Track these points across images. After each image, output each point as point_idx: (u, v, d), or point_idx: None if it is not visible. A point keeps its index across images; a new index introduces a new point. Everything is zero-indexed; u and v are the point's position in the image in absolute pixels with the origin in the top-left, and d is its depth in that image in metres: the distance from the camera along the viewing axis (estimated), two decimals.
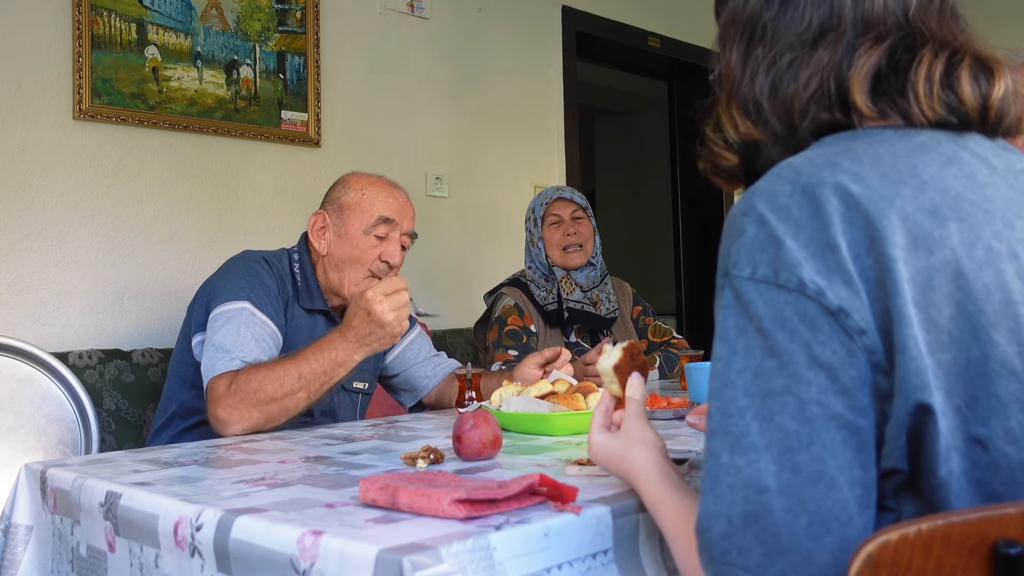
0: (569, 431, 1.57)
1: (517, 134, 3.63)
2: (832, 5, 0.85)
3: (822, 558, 0.69)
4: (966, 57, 0.81)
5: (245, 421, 1.67)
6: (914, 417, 0.70)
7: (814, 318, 0.71)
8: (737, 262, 0.75)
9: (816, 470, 0.70)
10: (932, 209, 0.74)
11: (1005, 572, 0.65)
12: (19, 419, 2.09)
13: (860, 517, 0.70)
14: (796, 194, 0.74)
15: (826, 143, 0.82)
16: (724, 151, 0.90)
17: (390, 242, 1.96)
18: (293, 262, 1.98)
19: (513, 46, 3.62)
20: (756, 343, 0.72)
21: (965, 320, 0.71)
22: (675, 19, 4.27)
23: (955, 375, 0.71)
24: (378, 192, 1.98)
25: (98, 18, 2.47)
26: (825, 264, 0.71)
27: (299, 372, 1.65)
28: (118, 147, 2.53)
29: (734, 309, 0.74)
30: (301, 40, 2.92)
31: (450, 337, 3.13)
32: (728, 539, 0.71)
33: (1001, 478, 0.71)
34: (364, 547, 0.87)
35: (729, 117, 0.89)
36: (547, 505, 1.00)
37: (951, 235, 0.73)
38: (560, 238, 2.49)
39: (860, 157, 0.77)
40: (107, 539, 1.21)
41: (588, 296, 2.50)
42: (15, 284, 2.34)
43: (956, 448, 0.70)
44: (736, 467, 0.72)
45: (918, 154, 0.78)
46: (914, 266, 0.71)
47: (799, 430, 0.70)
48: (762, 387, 0.72)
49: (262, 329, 1.81)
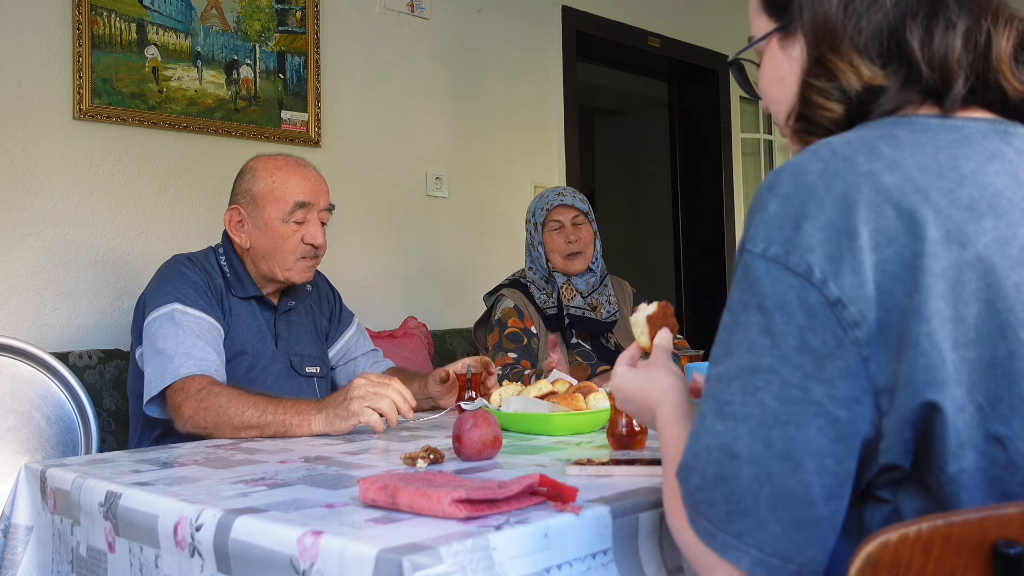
0: (569, 431, 1.56)
1: (517, 134, 3.63)
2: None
3: (774, 530, 0.72)
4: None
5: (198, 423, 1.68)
6: (921, 413, 0.70)
7: (813, 305, 0.71)
8: (753, 236, 0.75)
9: (786, 448, 0.72)
10: (969, 204, 0.73)
11: (1005, 572, 0.65)
12: (19, 419, 2.09)
13: (825, 505, 0.72)
14: (826, 174, 0.74)
15: (869, 126, 0.81)
16: (828, 102, 0.84)
17: (310, 224, 1.95)
18: (219, 256, 1.99)
19: (513, 46, 3.62)
20: (755, 319, 0.74)
21: (994, 317, 0.71)
22: (675, 19, 4.27)
23: (979, 372, 0.70)
24: (288, 177, 1.95)
25: (98, 18, 2.47)
26: (838, 250, 0.71)
27: (263, 410, 1.64)
28: (118, 147, 2.53)
29: (742, 283, 0.76)
30: (301, 40, 2.92)
31: (450, 337, 3.13)
32: (700, 491, 0.76)
33: (1018, 478, 0.71)
34: (364, 547, 0.87)
35: (848, 62, 0.82)
36: (547, 505, 1.00)
37: (986, 231, 0.72)
38: (561, 244, 2.49)
39: (901, 144, 0.76)
40: (107, 539, 1.21)
41: (588, 301, 2.50)
42: (15, 284, 2.34)
43: (973, 445, 0.70)
44: (716, 431, 0.75)
45: (961, 146, 0.77)
46: (945, 260, 0.71)
47: (777, 409, 0.72)
48: (752, 362, 0.74)
49: (198, 324, 1.82)
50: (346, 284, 2.80)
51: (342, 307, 2.21)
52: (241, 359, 1.90)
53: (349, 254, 3.03)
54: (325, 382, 2.09)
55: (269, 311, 2.01)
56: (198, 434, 1.69)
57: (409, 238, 3.25)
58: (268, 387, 1.86)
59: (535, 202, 2.59)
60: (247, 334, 1.93)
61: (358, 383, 1.60)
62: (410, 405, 1.60)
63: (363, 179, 3.10)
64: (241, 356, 1.90)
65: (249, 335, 1.94)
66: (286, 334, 2.01)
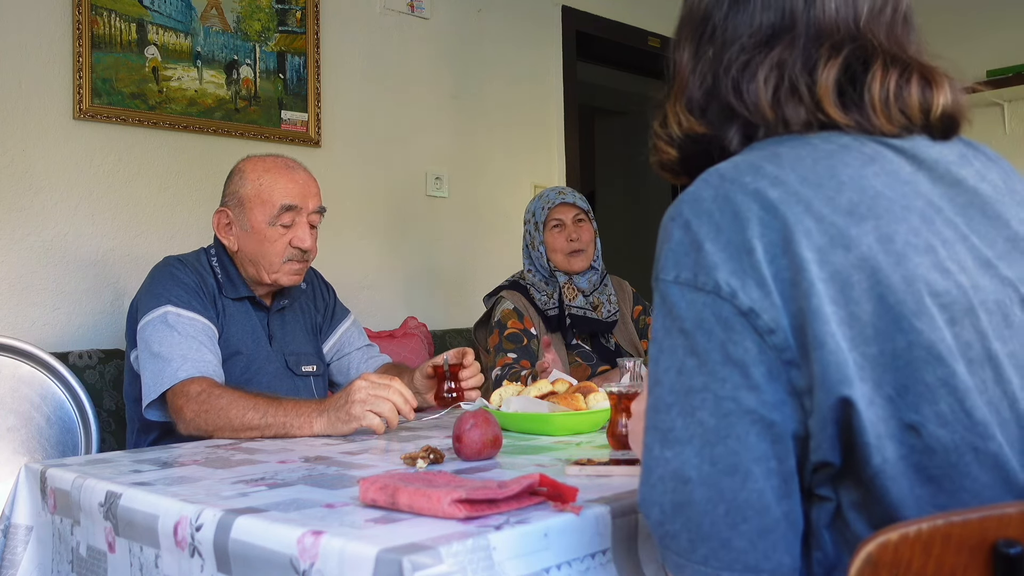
0: (569, 431, 1.56)
1: (517, 134, 3.63)
2: (783, 8, 0.87)
3: (739, 544, 0.73)
4: (914, 72, 0.84)
5: (199, 426, 1.68)
6: (839, 410, 0.72)
7: (728, 318, 0.74)
8: (664, 266, 0.79)
9: (732, 462, 0.73)
10: (849, 208, 0.76)
11: (1005, 572, 0.65)
12: (19, 419, 2.09)
13: (778, 506, 0.74)
14: (718, 199, 0.78)
15: (755, 148, 0.85)
16: (666, 146, 0.93)
17: (298, 227, 1.93)
18: (211, 257, 1.99)
19: (513, 46, 3.62)
20: (679, 343, 0.77)
21: (887, 312, 0.73)
22: (675, 19, 4.26)
23: (883, 366, 0.73)
24: (276, 179, 1.93)
25: (98, 18, 2.47)
26: (740, 266, 0.75)
27: (264, 412, 1.64)
28: (118, 147, 2.53)
29: (661, 311, 0.79)
30: (301, 40, 2.92)
31: (450, 337, 3.14)
32: (662, 526, 0.77)
33: (937, 461, 0.73)
34: (364, 547, 0.87)
35: (674, 113, 0.92)
36: (547, 505, 1.00)
37: (867, 233, 0.75)
38: (563, 243, 2.48)
39: (782, 161, 0.80)
40: (107, 539, 1.21)
41: (589, 301, 2.49)
42: (15, 284, 2.34)
43: (890, 436, 0.72)
44: (665, 459, 0.76)
45: (839, 155, 0.81)
46: (832, 264, 0.74)
47: (716, 424, 0.74)
48: (684, 384, 0.76)
49: (191, 325, 1.81)
50: (346, 284, 2.81)
51: (336, 302, 2.20)
52: (236, 360, 1.90)
53: (349, 254, 3.03)
54: (322, 380, 2.09)
55: (262, 311, 2.00)
56: (199, 436, 1.69)
57: (409, 238, 3.25)
58: (264, 387, 1.86)
59: (534, 202, 2.59)
60: (241, 335, 1.93)
61: (358, 385, 1.60)
62: (411, 406, 1.60)
63: (363, 179, 3.10)
64: (236, 357, 1.90)
65: (243, 336, 1.93)
66: (280, 333, 2.01)
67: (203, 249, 2.03)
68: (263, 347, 1.96)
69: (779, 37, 0.87)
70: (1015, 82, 4.06)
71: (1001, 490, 0.72)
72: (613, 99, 6.06)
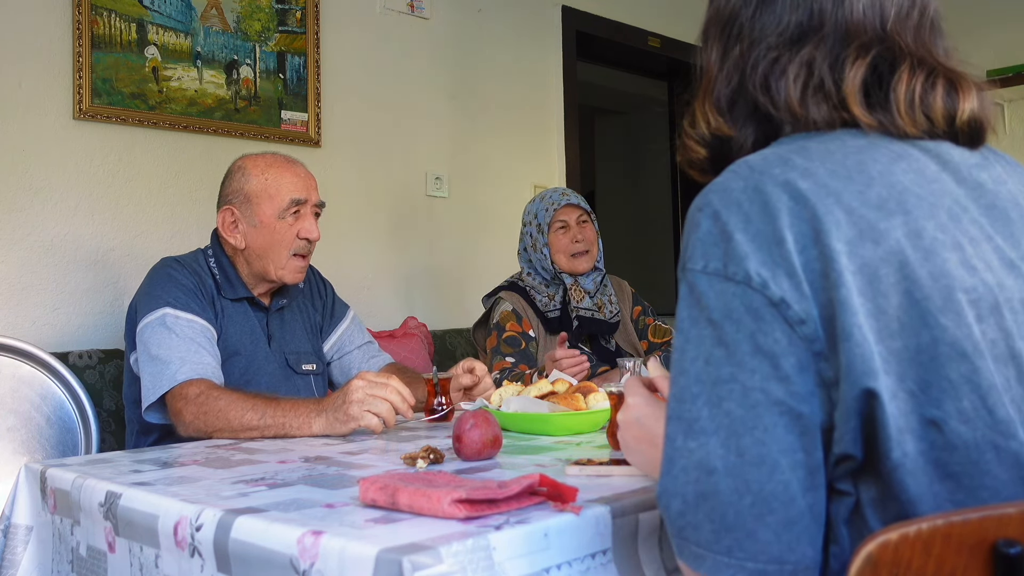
0: (569, 431, 1.56)
1: (517, 134, 3.63)
2: (812, 8, 0.88)
3: (764, 536, 0.73)
4: (940, 77, 0.84)
5: (199, 428, 1.69)
6: (863, 402, 0.72)
7: (758, 308, 0.74)
8: (692, 255, 0.79)
9: (759, 453, 0.73)
10: (879, 203, 0.77)
11: (1005, 572, 0.65)
12: (19, 419, 2.09)
13: (803, 498, 0.73)
14: (748, 190, 0.78)
15: (783, 142, 0.86)
16: (696, 145, 0.94)
17: (304, 218, 1.96)
18: (208, 259, 1.99)
19: (513, 46, 3.62)
20: (707, 333, 0.76)
21: (913, 307, 0.74)
22: (675, 19, 4.27)
23: (907, 360, 0.73)
24: (281, 174, 1.97)
25: (98, 18, 2.47)
26: (771, 256, 0.75)
27: (262, 413, 1.64)
28: (118, 147, 2.53)
29: (688, 300, 0.79)
30: (301, 40, 2.92)
31: (450, 337, 3.14)
32: (683, 516, 0.76)
33: (957, 458, 0.73)
34: (364, 547, 0.87)
35: (703, 113, 0.93)
36: (547, 505, 1.00)
37: (896, 227, 0.76)
38: (568, 244, 2.48)
39: (811, 154, 0.80)
40: (107, 539, 1.21)
41: (595, 301, 2.49)
42: (15, 284, 2.34)
43: (911, 431, 0.72)
44: (689, 450, 0.76)
45: (868, 150, 0.81)
46: (860, 257, 0.74)
47: (744, 415, 0.74)
48: (711, 375, 0.75)
49: (190, 327, 1.81)
50: (346, 284, 2.80)
51: (335, 300, 2.20)
52: (235, 360, 1.90)
53: (349, 254, 3.03)
54: (322, 379, 2.09)
55: (261, 311, 2.00)
56: (199, 438, 1.69)
57: (409, 238, 3.25)
58: (264, 388, 1.86)
59: (536, 204, 2.57)
60: (240, 335, 1.93)
61: (356, 385, 1.59)
62: (408, 404, 1.60)
63: (363, 179, 3.10)
64: (235, 357, 1.90)
65: (242, 336, 1.93)
66: (279, 333, 2.01)
67: (200, 250, 2.03)
68: (262, 347, 1.96)
69: (807, 36, 0.87)
70: (1015, 82, 4.07)
71: (1020, 488, 0.72)
72: (613, 99, 6.06)
